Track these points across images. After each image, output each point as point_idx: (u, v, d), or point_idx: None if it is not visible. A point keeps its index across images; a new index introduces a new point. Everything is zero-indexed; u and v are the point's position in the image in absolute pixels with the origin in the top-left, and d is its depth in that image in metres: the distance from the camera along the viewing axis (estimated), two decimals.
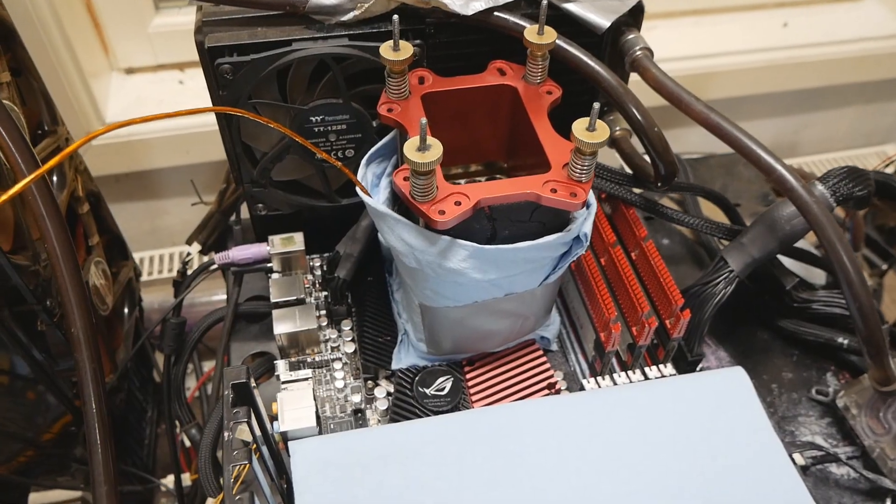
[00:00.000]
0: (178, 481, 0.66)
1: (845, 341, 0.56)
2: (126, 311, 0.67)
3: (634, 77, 0.54)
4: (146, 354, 0.79)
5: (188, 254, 0.66)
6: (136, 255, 1.04)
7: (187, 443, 0.72)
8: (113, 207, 1.04)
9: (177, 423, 0.68)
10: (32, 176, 0.31)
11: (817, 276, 0.64)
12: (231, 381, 0.40)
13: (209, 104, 0.52)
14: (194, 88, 0.97)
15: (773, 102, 1.18)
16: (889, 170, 0.64)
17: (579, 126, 0.40)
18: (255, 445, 0.42)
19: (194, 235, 0.68)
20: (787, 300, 0.57)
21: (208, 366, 0.85)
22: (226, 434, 0.38)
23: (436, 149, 0.39)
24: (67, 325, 0.41)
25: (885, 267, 0.85)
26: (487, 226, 0.43)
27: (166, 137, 0.95)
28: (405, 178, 0.41)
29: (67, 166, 0.57)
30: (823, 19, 1.13)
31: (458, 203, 0.41)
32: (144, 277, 1.00)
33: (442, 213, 0.40)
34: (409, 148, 0.39)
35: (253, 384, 0.41)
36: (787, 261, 0.59)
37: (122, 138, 0.94)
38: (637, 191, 0.59)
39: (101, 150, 0.94)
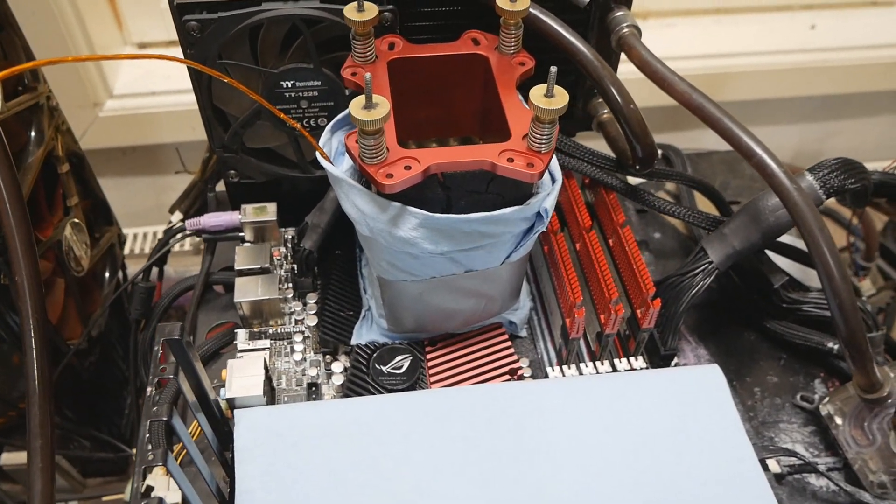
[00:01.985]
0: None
1: (835, 346, 0.53)
2: (107, 275, 0.67)
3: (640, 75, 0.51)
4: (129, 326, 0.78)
5: (170, 222, 0.65)
6: (139, 230, 1.05)
7: None
8: (118, 181, 1.05)
9: None
10: None
11: (814, 278, 0.60)
12: (163, 337, 0.38)
13: None
14: None
15: (797, 107, 1.14)
16: None
17: (537, 93, 0.38)
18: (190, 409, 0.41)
19: (177, 204, 0.67)
20: (775, 300, 0.54)
21: None
22: (148, 389, 0.36)
23: (382, 107, 0.37)
24: (12, 272, 0.40)
25: None
26: (441, 195, 0.41)
27: (173, 112, 0.95)
28: (356, 141, 0.40)
29: (47, 124, 0.57)
30: (853, 23, 1.08)
31: (407, 167, 0.39)
32: (147, 249, 1.01)
33: (390, 175, 0.39)
34: (356, 106, 0.37)
35: (187, 340, 0.40)
36: (782, 261, 0.56)
37: (129, 111, 0.94)
38: (628, 179, 0.56)
39: (108, 123, 0.94)
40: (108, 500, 0.79)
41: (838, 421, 0.49)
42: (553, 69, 0.37)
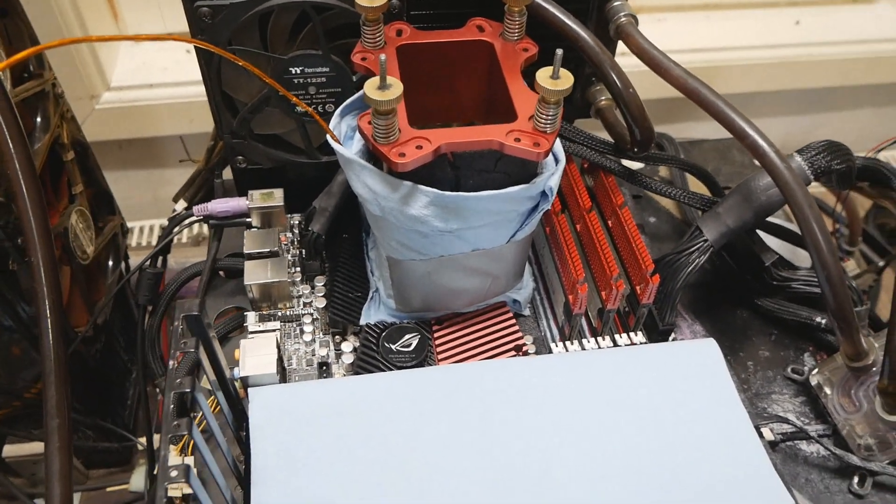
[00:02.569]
0: (149, 439, 0.67)
1: (823, 321, 0.55)
2: (111, 264, 0.68)
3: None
4: (133, 316, 0.79)
5: (174, 210, 0.66)
6: (137, 223, 1.05)
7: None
8: (116, 174, 1.06)
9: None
10: None
11: (803, 258, 0.63)
12: (183, 313, 0.39)
13: None
14: None
15: (783, 100, 1.16)
16: (881, 156, 0.62)
17: (543, 74, 0.40)
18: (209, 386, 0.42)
19: (181, 193, 0.68)
20: (766, 277, 0.56)
21: None
22: (171, 363, 0.38)
23: (396, 88, 0.39)
24: (27, 252, 0.41)
25: (881, 263, 0.83)
26: (451, 174, 0.43)
27: (170, 104, 0.96)
28: (369, 122, 0.41)
29: (52, 111, 0.58)
30: (836, 19, 1.12)
31: (419, 147, 0.41)
32: (144, 242, 1.01)
33: (402, 155, 0.40)
34: (370, 87, 0.39)
35: (208, 322, 0.41)
36: (773, 242, 0.58)
37: (126, 103, 0.95)
38: (625, 162, 0.58)
39: (105, 115, 0.95)
40: (112, 491, 0.80)
41: (827, 390, 0.51)
42: (559, 52, 0.39)
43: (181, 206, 0.68)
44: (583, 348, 0.50)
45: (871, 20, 1.12)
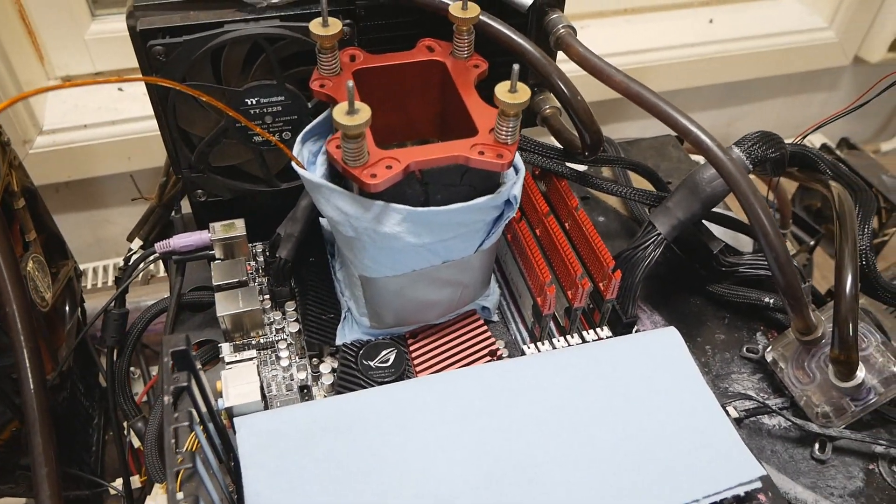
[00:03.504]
0: (126, 482, 0.66)
1: (771, 300, 0.59)
2: (67, 310, 0.67)
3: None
4: (92, 361, 0.77)
5: (130, 249, 0.66)
6: (81, 266, 1.03)
7: (136, 443, 0.71)
8: (55, 218, 1.03)
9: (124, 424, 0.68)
10: None
11: (744, 243, 0.67)
12: (171, 348, 0.40)
13: (150, 110, 0.53)
14: (134, 94, 0.97)
15: (705, 95, 1.22)
16: (806, 141, 0.67)
17: (501, 89, 0.42)
18: (199, 419, 0.43)
19: (135, 231, 0.67)
20: (715, 264, 0.60)
21: (156, 371, 0.84)
22: (165, 399, 0.38)
23: (364, 112, 0.40)
24: (2, 303, 0.41)
25: (812, 242, 0.89)
26: (420, 190, 0.44)
27: (108, 143, 0.94)
28: (337, 146, 0.42)
29: (1, 161, 0.57)
30: (746, 16, 1.18)
31: (389, 167, 0.42)
32: (89, 285, 0.99)
33: (374, 175, 0.41)
34: (339, 112, 0.40)
35: (194, 353, 0.41)
36: (716, 229, 0.62)
37: (62, 145, 0.93)
38: (571, 165, 0.61)
39: (39, 159, 0.92)
40: None
41: (782, 365, 0.55)
42: (516, 67, 0.41)
43: (136, 244, 0.67)
44: (554, 347, 0.52)
45: (779, 15, 1.20)
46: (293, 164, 0.46)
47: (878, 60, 1.23)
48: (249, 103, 0.52)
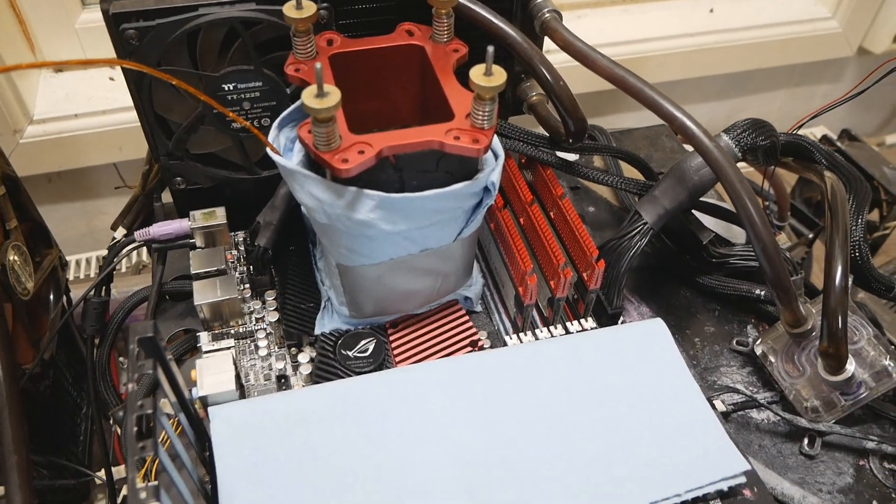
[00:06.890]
0: (108, 472, 0.65)
1: (762, 292, 0.58)
2: (52, 298, 0.66)
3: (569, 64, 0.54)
4: (80, 350, 0.77)
5: (113, 238, 0.65)
6: (73, 257, 1.02)
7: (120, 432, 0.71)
8: (46, 209, 1.02)
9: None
10: None
11: (737, 234, 0.65)
12: (137, 335, 0.39)
13: None
14: (125, 84, 0.96)
15: (705, 86, 1.21)
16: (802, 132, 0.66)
17: (476, 72, 0.41)
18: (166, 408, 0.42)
19: (119, 220, 0.67)
20: (705, 255, 0.58)
21: None
22: (129, 386, 0.37)
23: (333, 95, 0.39)
24: None
25: (811, 235, 0.87)
26: (395, 176, 0.43)
27: (99, 133, 0.93)
28: (309, 131, 0.41)
29: None
30: (747, 5, 1.16)
31: (361, 152, 0.41)
32: (82, 275, 0.99)
33: (345, 161, 0.40)
34: (308, 95, 0.39)
35: (163, 343, 0.40)
36: (707, 220, 0.60)
37: (53, 135, 0.92)
38: (562, 155, 0.60)
39: (30, 149, 0.92)
40: None
41: (772, 358, 0.54)
42: (490, 48, 0.40)
43: (120, 233, 0.66)
44: (536, 338, 0.51)
45: (781, 4, 1.18)
46: (268, 149, 0.45)
47: (883, 51, 1.20)
48: (226, 89, 0.51)
